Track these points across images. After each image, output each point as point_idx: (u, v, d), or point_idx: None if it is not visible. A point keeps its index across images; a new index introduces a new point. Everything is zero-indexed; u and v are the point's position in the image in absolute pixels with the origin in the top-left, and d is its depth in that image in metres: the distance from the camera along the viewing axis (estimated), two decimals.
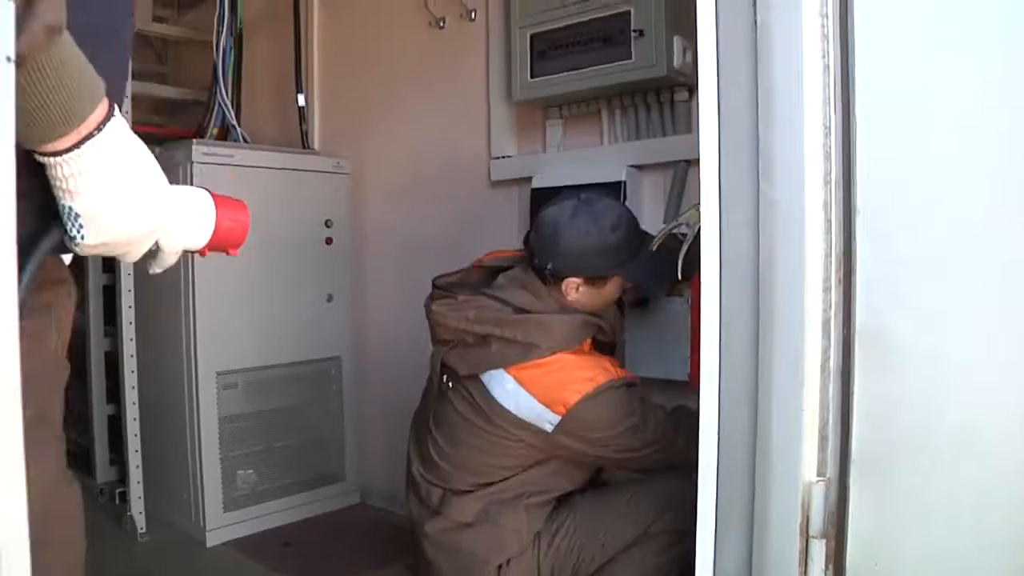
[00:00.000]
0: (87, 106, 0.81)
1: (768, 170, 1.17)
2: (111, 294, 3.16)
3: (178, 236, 0.96)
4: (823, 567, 1.16)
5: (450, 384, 1.83)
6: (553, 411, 1.69)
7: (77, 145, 0.82)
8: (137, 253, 0.92)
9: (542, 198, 2.29)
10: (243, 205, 1.01)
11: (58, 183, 0.83)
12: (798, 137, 1.14)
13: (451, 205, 2.71)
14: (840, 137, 1.14)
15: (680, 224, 1.70)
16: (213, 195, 1.00)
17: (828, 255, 1.15)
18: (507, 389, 1.72)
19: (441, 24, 2.70)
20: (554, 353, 1.71)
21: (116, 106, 0.85)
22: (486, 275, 1.90)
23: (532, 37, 2.27)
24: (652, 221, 2.11)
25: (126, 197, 0.86)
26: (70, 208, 0.84)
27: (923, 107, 1.09)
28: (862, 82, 1.11)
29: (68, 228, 0.86)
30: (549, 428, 1.71)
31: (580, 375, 1.70)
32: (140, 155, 0.87)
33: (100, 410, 3.21)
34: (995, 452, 1.08)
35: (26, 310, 0.80)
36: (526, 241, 1.85)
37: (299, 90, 3.07)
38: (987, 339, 1.07)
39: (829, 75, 1.15)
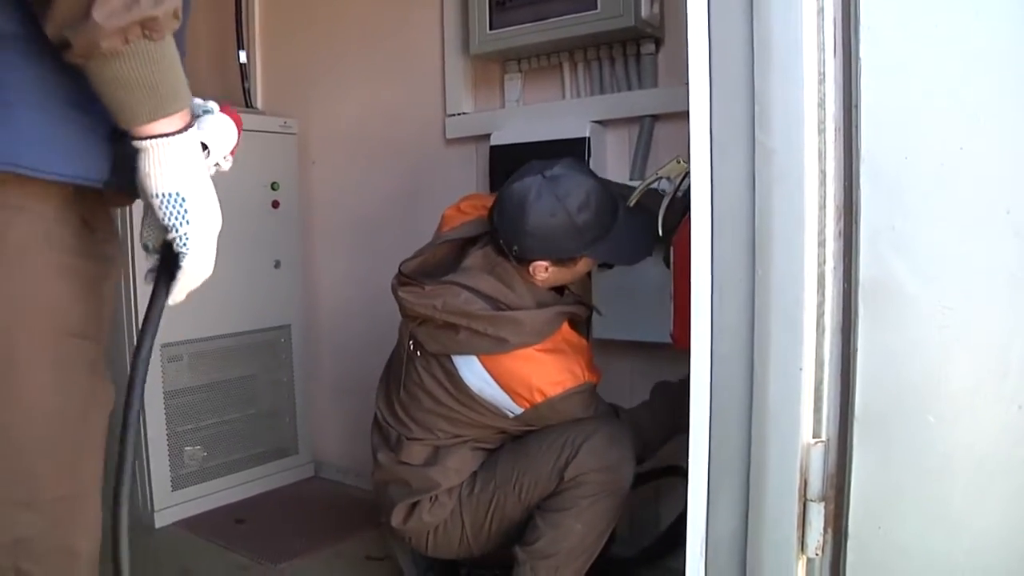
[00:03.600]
0: (188, 93, 0.89)
1: (764, 118, 1.10)
2: None
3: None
4: (821, 530, 1.12)
5: (418, 353, 1.79)
6: (516, 403, 1.69)
7: (185, 129, 0.88)
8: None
9: (501, 156, 2.22)
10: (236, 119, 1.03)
11: (160, 168, 0.88)
12: (797, 82, 1.08)
13: (405, 165, 2.60)
14: (841, 82, 1.08)
15: (659, 178, 1.64)
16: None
17: (826, 206, 1.10)
18: (474, 372, 1.70)
19: None
20: (525, 347, 1.68)
21: None
22: (453, 250, 1.83)
23: None
24: (617, 178, 2.05)
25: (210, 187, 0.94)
26: (175, 195, 0.89)
27: (934, 48, 1.03)
28: (866, 22, 1.05)
29: (173, 217, 0.90)
30: (509, 415, 1.72)
31: (549, 377, 1.69)
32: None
33: None
34: (1000, 407, 1.05)
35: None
36: (490, 217, 1.76)
37: (240, 46, 2.92)
38: (997, 290, 1.03)
39: (826, 17, 1.09)
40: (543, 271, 1.71)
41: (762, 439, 1.14)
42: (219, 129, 0.98)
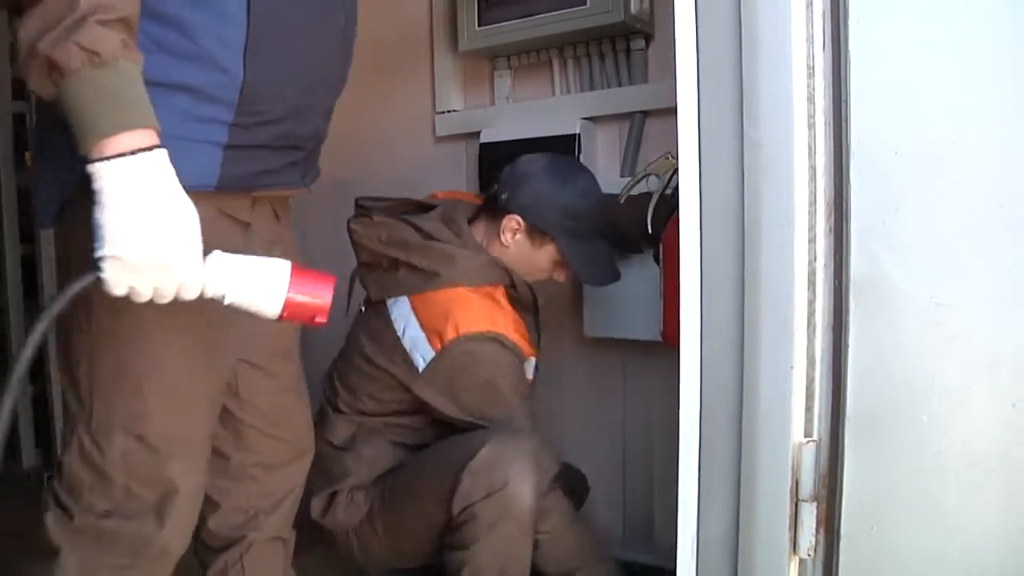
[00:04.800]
0: (116, 124, 0.92)
1: (753, 112, 1.09)
2: (30, 265, 2.98)
3: (235, 296, 1.03)
4: (814, 530, 1.10)
5: (362, 308, 1.81)
6: (430, 343, 1.63)
7: (108, 158, 0.92)
8: (164, 291, 0.98)
9: (492, 153, 2.20)
10: (328, 283, 1.08)
11: (95, 195, 0.93)
12: (785, 75, 1.06)
13: (394, 163, 2.57)
14: (831, 75, 1.07)
15: (648, 175, 1.62)
16: (295, 268, 1.07)
17: (817, 202, 1.08)
18: (402, 312, 1.68)
19: None
20: (454, 286, 1.65)
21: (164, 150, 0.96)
22: (418, 209, 1.83)
23: None
24: (607, 175, 2.03)
25: (143, 223, 0.93)
26: (97, 220, 0.93)
27: (924, 41, 1.01)
28: (855, 14, 1.03)
29: (95, 243, 0.94)
30: (421, 364, 1.64)
31: (470, 314, 1.63)
32: (169, 198, 0.95)
33: (23, 391, 3.01)
34: (994, 405, 1.03)
35: None
36: (497, 176, 1.79)
37: None
38: (990, 286, 1.01)
39: (814, 9, 1.07)
40: (511, 233, 1.71)
41: (753, 438, 1.12)
42: (242, 274, 1.03)
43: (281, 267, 1.06)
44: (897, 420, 1.05)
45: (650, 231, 1.61)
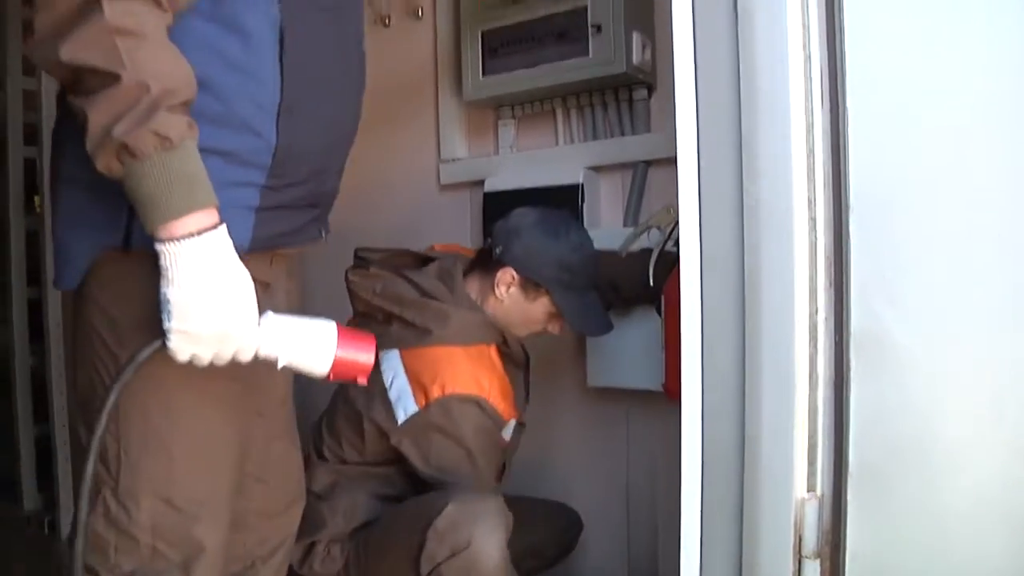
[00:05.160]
0: (184, 207, 0.96)
1: (752, 167, 1.09)
2: (37, 309, 2.99)
3: (288, 357, 1.09)
4: None
5: None
6: (415, 398, 1.64)
7: (178, 239, 0.96)
8: (223, 356, 1.04)
9: (495, 203, 2.21)
10: (370, 343, 1.13)
11: (162, 270, 0.98)
12: (784, 131, 1.07)
13: (399, 210, 2.59)
14: (829, 131, 1.07)
15: (650, 227, 1.63)
16: (340, 329, 1.11)
17: (817, 256, 1.08)
18: (391, 364, 1.69)
19: (387, 22, 2.59)
20: (445, 344, 1.66)
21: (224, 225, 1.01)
22: (416, 262, 1.84)
23: (483, 34, 2.18)
24: (611, 225, 2.04)
25: (209, 299, 0.99)
26: (165, 294, 0.98)
27: (921, 97, 1.02)
28: (853, 71, 1.04)
29: (162, 314, 0.99)
30: (401, 417, 1.64)
31: (456, 375, 1.63)
32: (231, 273, 1.01)
33: (26, 432, 3.01)
34: (998, 453, 1.02)
35: None
36: (490, 230, 1.81)
37: None
38: (989, 335, 1.01)
39: (812, 65, 1.09)
40: (505, 287, 1.72)
41: (755, 494, 1.11)
42: (293, 336, 1.08)
43: (328, 328, 1.11)
44: (901, 474, 1.04)
45: (651, 284, 1.62)
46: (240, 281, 1.01)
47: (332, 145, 1.26)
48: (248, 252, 1.12)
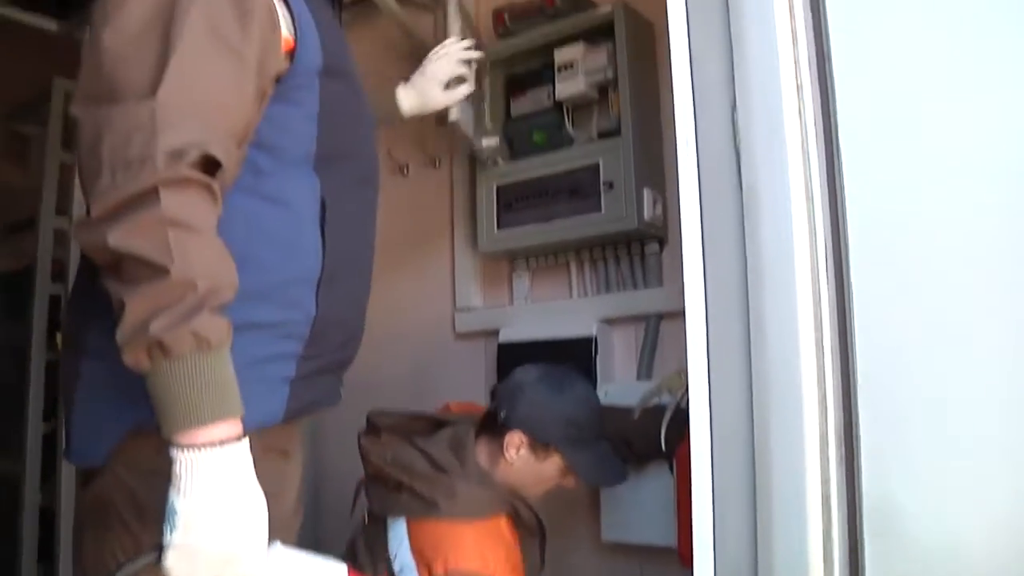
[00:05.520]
0: (211, 415, 0.91)
1: (760, 339, 1.09)
2: (51, 443, 2.99)
3: None
4: None
5: (365, 519, 1.78)
6: (417, 572, 1.61)
7: (198, 447, 0.90)
8: None
9: (509, 354, 2.21)
10: None
11: (173, 478, 0.92)
12: (791, 304, 1.08)
13: (414, 357, 2.60)
14: (835, 303, 1.08)
15: (661, 392, 1.63)
16: (351, 571, 1.05)
17: (828, 431, 1.07)
18: (397, 534, 1.66)
19: (405, 171, 2.66)
20: (452, 519, 1.63)
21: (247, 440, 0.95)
22: (429, 426, 1.82)
23: (498, 188, 2.23)
24: (625, 379, 2.03)
25: (221, 515, 0.91)
26: (173, 504, 0.91)
27: (925, 274, 1.03)
28: (856, 247, 1.06)
29: (164, 525, 0.92)
30: None
31: (460, 551, 1.60)
32: (247, 490, 0.94)
33: (29, 571, 2.96)
34: None
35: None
36: (493, 393, 1.79)
37: None
38: (1003, 509, 0.98)
39: (818, 236, 1.10)
40: (515, 450, 1.69)
41: None
42: (302, 573, 1.01)
43: (338, 570, 1.04)
44: None
45: (663, 448, 1.60)
46: (256, 501, 0.95)
47: (360, 312, 1.28)
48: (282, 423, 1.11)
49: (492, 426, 1.73)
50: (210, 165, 0.95)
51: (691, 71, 1.22)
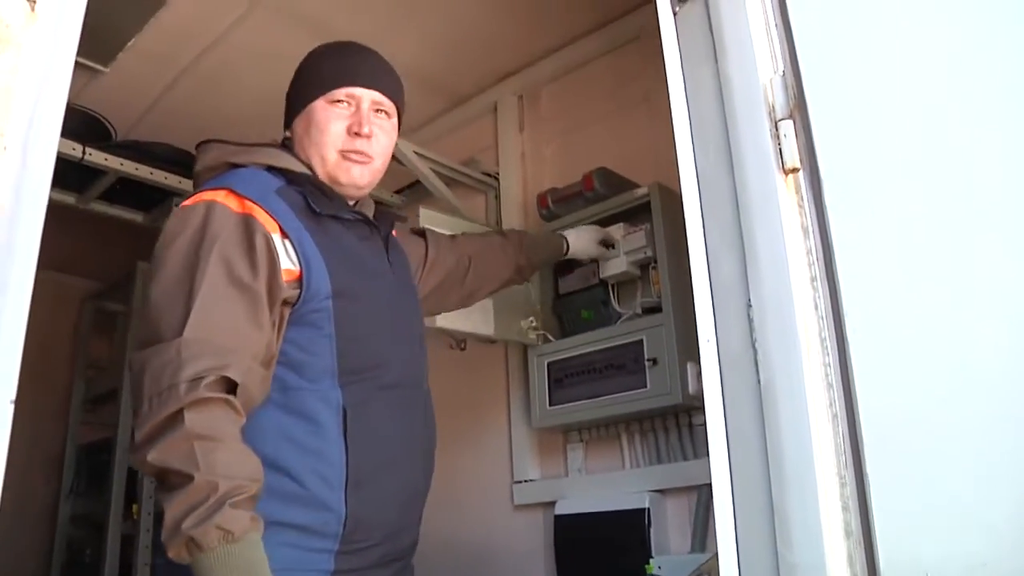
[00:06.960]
0: None
1: (785, 533, 1.14)
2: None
3: None
4: None
5: None
6: None
7: None
8: None
9: (567, 526, 2.26)
10: None
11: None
12: (812, 496, 1.12)
13: (473, 529, 2.64)
14: (856, 491, 1.12)
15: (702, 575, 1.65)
16: None
17: None
18: None
19: (462, 346, 2.77)
20: None
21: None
22: None
23: (549, 365, 2.33)
24: (680, 550, 2.04)
25: None
26: None
27: (939, 456, 1.07)
28: (870, 441, 1.11)
29: None
30: None
31: None
32: None
33: None
34: None
35: None
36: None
37: None
38: None
39: (839, 424, 1.16)
40: None
41: None
42: None
43: None
44: None
45: None
46: None
47: (405, 505, 1.38)
48: None
49: None
50: (230, 384, 1.14)
51: (708, 270, 1.31)
